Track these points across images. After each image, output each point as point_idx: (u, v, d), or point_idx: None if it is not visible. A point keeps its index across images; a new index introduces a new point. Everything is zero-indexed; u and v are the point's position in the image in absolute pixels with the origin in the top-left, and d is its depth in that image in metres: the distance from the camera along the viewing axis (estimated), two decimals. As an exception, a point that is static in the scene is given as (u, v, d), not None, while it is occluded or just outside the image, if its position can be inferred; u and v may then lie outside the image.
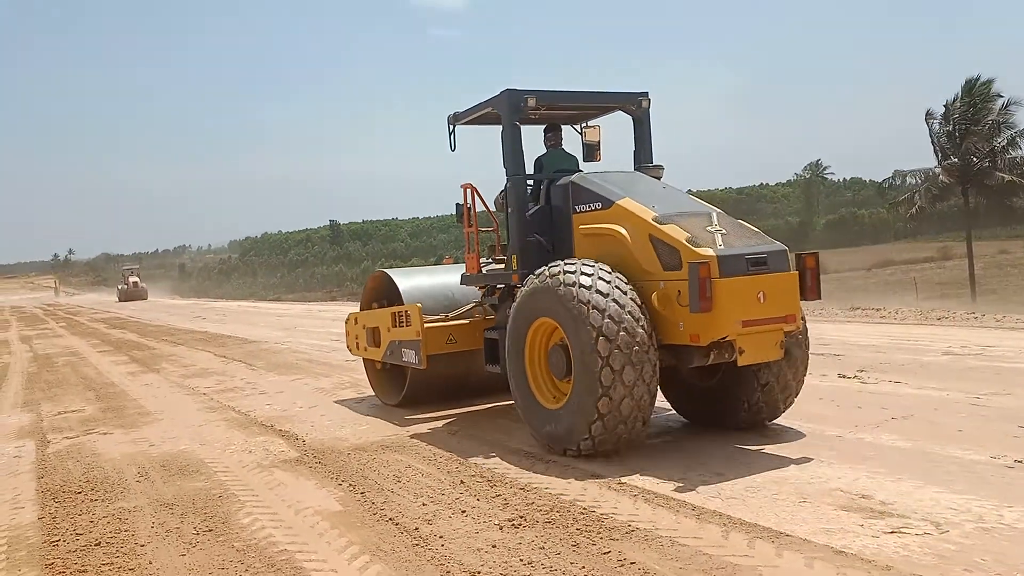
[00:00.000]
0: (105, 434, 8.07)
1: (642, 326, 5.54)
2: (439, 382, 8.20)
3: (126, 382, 12.19)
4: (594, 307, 5.53)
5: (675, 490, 4.94)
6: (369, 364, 9.20)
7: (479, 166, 9.33)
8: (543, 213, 7.01)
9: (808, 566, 3.70)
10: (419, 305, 7.70)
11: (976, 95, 31.23)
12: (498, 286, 7.36)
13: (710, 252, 5.47)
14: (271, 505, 5.23)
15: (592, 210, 6.47)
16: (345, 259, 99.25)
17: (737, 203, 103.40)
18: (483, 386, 8.26)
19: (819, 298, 6.03)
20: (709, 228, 5.82)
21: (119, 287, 61.46)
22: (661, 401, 6.50)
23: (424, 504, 5.00)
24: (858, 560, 3.72)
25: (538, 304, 6.09)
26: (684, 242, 5.61)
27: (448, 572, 3.91)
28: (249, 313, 31.14)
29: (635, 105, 7.42)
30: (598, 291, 5.59)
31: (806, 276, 5.92)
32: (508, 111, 6.96)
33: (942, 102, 31.96)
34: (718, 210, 6.24)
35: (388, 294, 8.71)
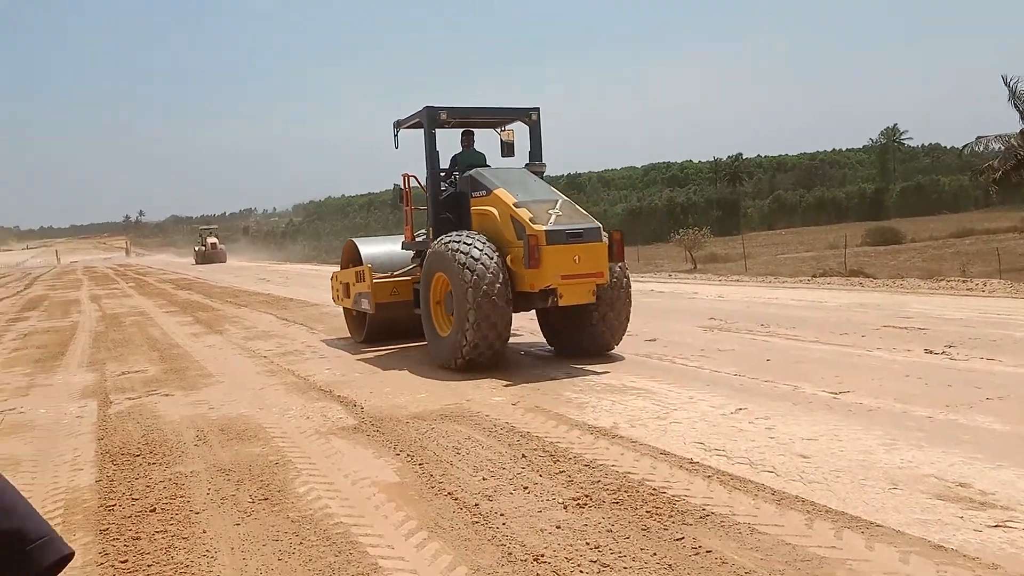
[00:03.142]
0: (166, 395, 8.07)
1: (495, 276, 7.69)
2: (388, 324, 10.52)
3: (189, 343, 12.28)
4: (466, 265, 7.71)
5: (753, 471, 4.61)
6: (347, 311, 11.56)
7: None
8: (453, 197, 9.20)
9: (903, 561, 3.36)
10: (369, 266, 9.94)
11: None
12: (424, 251, 9.18)
13: (541, 227, 7.70)
14: (328, 474, 5.08)
15: (481, 196, 8.62)
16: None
17: (809, 169, 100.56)
18: (421, 328, 9.53)
19: (623, 261, 8.39)
20: (550, 211, 7.97)
21: (196, 248, 58.86)
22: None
23: (484, 479, 4.78)
24: (960, 556, 3.37)
25: (436, 263, 8.30)
26: (527, 220, 7.79)
27: (510, 554, 3.67)
28: (311, 276, 31.33)
29: (528, 117, 9.56)
30: (470, 254, 7.78)
31: (613, 246, 8.08)
32: (428, 122, 9.17)
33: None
34: (565, 198, 8.42)
35: (359, 257, 10.78)
